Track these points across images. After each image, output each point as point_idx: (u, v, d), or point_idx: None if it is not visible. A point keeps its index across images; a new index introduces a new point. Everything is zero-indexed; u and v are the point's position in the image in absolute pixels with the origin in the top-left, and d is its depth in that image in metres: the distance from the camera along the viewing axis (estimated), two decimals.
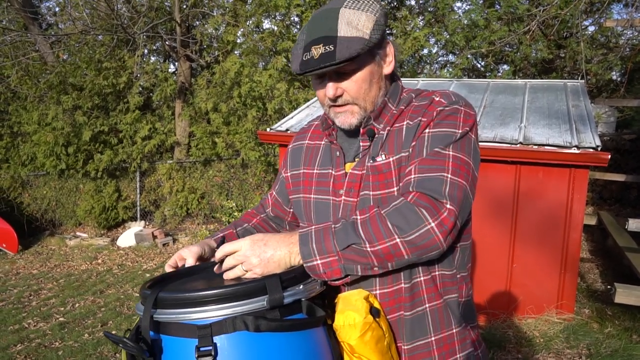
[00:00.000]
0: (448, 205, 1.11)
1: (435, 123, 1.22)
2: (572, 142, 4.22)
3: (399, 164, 1.24)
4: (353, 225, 1.13)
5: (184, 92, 10.23)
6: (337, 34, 1.16)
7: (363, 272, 1.15)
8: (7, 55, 9.45)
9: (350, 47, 1.15)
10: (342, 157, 1.35)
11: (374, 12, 1.21)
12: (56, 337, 4.76)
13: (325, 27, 1.19)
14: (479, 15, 9.81)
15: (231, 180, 9.84)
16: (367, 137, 1.30)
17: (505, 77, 10.54)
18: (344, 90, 1.24)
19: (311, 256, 1.13)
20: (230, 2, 10.78)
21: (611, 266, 6.19)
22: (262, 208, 1.64)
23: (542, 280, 4.50)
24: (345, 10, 1.19)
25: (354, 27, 1.17)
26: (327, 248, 1.12)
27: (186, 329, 1.02)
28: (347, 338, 1.14)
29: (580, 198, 4.37)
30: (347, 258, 1.12)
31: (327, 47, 1.16)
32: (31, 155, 9.50)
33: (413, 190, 1.14)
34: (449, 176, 1.15)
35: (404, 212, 1.10)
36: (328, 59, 1.16)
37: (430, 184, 1.14)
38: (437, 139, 1.20)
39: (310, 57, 1.18)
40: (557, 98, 5.42)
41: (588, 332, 4.26)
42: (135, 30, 9.33)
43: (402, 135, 1.26)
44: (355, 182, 1.29)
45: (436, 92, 1.30)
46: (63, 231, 9.71)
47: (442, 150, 1.18)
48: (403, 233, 1.09)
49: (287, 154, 1.56)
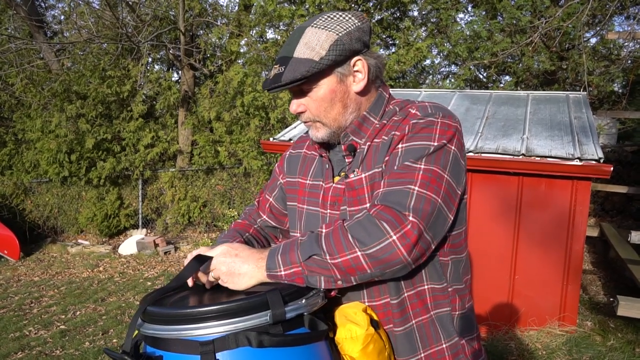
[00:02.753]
0: (411, 217, 1.07)
1: (408, 137, 1.20)
2: (574, 154, 4.22)
3: (371, 180, 1.24)
4: (317, 237, 1.14)
5: (187, 101, 10.27)
6: (293, 55, 1.19)
7: (327, 285, 1.13)
8: (12, 63, 9.51)
9: (297, 69, 1.17)
10: (331, 169, 1.36)
11: (337, 31, 1.20)
12: (57, 345, 4.75)
13: (289, 46, 1.22)
14: (482, 26, 9.85)
15: (233, 189, 9.85)
16: (349, 152, 1.31)
17: (507, 88, 10.57)
18: (305, 107, 1.28)
19: (276, 268, 1.14)
20: (234, 12, 10.85)
21: (613, 278, 6.17)
22: (255, 217, 1.62)
23: (544, 291, 4.49)
24: (311, 29, 1.21)
25: (310, 47, 1.19)
26: (290, 259, 1.13)
27: (188, 345, 1.01)
28: (349, 351, 1.15)
29: (582, 210, 4.36)
30: (310, 269, 1.12)
31: (280, 68, 1.20)
32: (34, 162, 9.52)
33: (377, 204, 1.13)
34: (415, 189, 1.11)
35: (365, 225, 1.09)
36: (277, 80, 1.19)
37: (395, 197, 1.11)
38: (409, 153, 1.18)
39: (270, 76, 1.23)
40: (560, 110, 5.43)
41: (591, 345, 4.24)
42: (139, 39, 9.38)
43: (378, 151, 1.26)
44: (339, 196, 1.30)
45: (414, 105, 1.29)
46: (65, 238, 9.71)
47: (413, 164, 1.15)
48: (363, 246, 1.07)
49: (283, 160, 1.56)
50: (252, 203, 1.67)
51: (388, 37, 11.31)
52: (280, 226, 1.59)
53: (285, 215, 1.56)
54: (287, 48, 1.22)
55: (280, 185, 1.55)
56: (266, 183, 1.64)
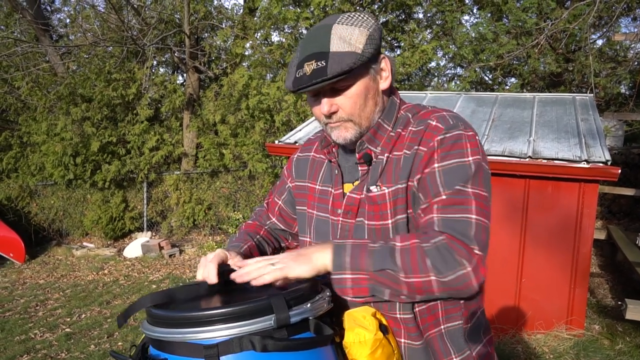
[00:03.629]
0: (477, 250, 1.10)
1: (441, 156, 1.19)
2: (581, 157, 4.19)
3: (394, 195, 1.22)
4: (391, 250, 1.11)
5: (192, 104, 10.29)
6: (329, 49, 1.15)
7: (390, 297, 1.14)
8: (18, 67, 9.55)
9: (342, 61, 1.14)
10: (341, 176, 1.34)
11: (367, 27, 1.19)
12: (62, 348, 4.75)
13: (317, 43, 1.18)
14: (487, 28, 9.83)
15: (238, 191, 9.85)
16: (364, 162, 1.28)
17: (513, 90, 10.52)
18: (338, 106, 1.23)
19: (342, 268, 1.12)
20: (239, 15, 10.87)
21: (621, 281, 6.12)
22: (264, 218, 1.60)
23: (551, 295, 4.46)
24: (338, 26, 1.19)
25: (347, 41, 1.16)
26: (360, 265, 1.11)
27: (193, 348, 1.00)
28: (357, 355, 1.13)
29: (590, 213, 4.33)
30: (378, 280, 1.11)
31: (319, 63, 1.15)
32: (40, 165, 9.56)
33: (445, 232, 1.12)
34: (474, 217, 1.13)
35: (443, 253, 1.09)
36: (320, 75, 1.14)
37: (459, 227, 1.12)
38: (450, 174, 1.17)
39: (302, 73, 1.17)
40: (566, 112, 5.40)
41: (599, 349, 4.21)
42: (144, 42, 9.41)
43: (400, 166, 1.23)
44: (353, 206, 1.28)
45: (431, 115, 1.26)
46: (70, 241, 9.73)
47: (463, 188, 1.16)
48: (439, 273, 1.08)
49: (292, 164, 1.54)
50: (262, 204, 1.65)
51: (393, 40, 11.30)
52: (289, 229, 1.57)
53: (294, 219, 1.54)
54: (316, 44, 1.17)
55: (289, 189, 1.53)
56: (275, 184, 1.62)
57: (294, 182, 1.50)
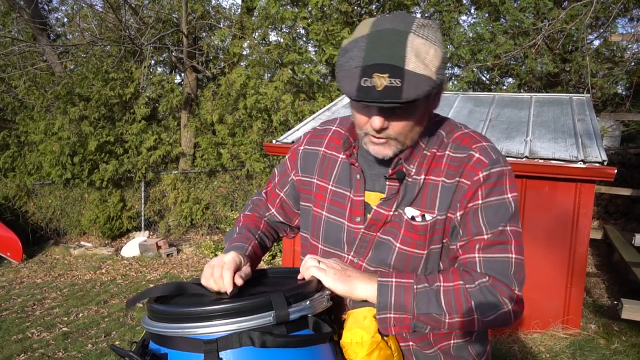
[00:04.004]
0: (517, 291, 1.17)
1: (485, 192, 1.18)
2: (578, 157, 4.21)
3: (433, 227, 1.21)
4: (436, 294, 1.14)
5: (190, 103, 10.28)
6: (405, 66, 1.01)
7: (430, 331, 1.19)
8: (16, 66, 9.54)
9: (418, 87, 1.02)
10: (363, 182, 1.27)
11: (440, 46, 1.08)
12: (59, 347, 4.74)
13: (391, 52, 1.03)
14: (485, 28, 9.84)
15: (236, 191, 9.85)
16: (396, 179, 1.21)
17: (510, 90, 10.55)
18: (389, 124, 1.12)
19: (386, 309, 1.14)
20: (237, 15, 10.87)
21: (617, 281, 6.14)
22: (263, 210, 1.52)
23: (548, 294, 4.47)
24: (415, 37, 1.04)
25: (423, 62, 1.03)
26: (404, 307, 1.14)
27: (192, 343, 1.01)
28: (354, 356, 1.14)
29: (586, 213, 4.35)
30: (421, 320, 1.15)
31: (393, 81, 1.01)
32: (37, 165, 9.54)
33: (485, 273, 1.17)
34: (513, 257, 1.18)
35: (487, 295, 1.14)
36: (393, 96, 1.01)
37: (500, 268, 1.17)
38: (492, 213, 1.18)
39: (371, 85, 1.02)
40: (563, 112, 5.42)
41: (595, 348, 4.22)
42: (142, 42, 9.40)
43: (438, 193, 1.20)
44: (379, 221, 1.24)
45: (473, 145, 1.21)
46: (67, 240, 9.72)
47: (504, 228, 1.18)
48: (482, 315, 1.14)
49: (298, 156, 1.44)
50: (260, 192, 1.56)
51: None
52: (289, 222, 1.52)
53: (295, 214, 1.49)
54: (390, 53, 1.03)
55: (292, 183, 1.45)
56: (273, 172, 1.54)
57: (298, 176, 1.42)
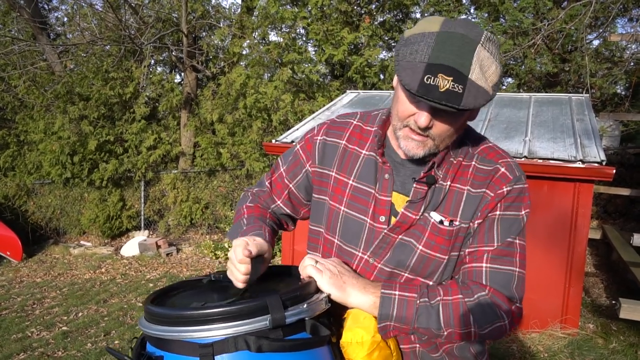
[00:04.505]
0: (518, 303, 1.20)
1: (505, 206, 1.23)
2: (577, 157, 4.22)
3: (457, 233, 1.23)
4: (437, 310, 1.16)
5: (190, 103, 10.29)
6: (469, 75, 1.04)
7: (427, 340, 1.23)
8: (15, 65, 9.54)
9: (477, 98, 1.05)
10: (391, 182, 1.27)
11: (501, 63, 1.11)
12: (59, 347, 4.75)
13: (458, 57, 1.04)
14: (484, 28, 9.83)
15: (235, 190, 9.85)
16: (426, 183, 1.23)
17: (509, 90, 10.55)
18: (434, 124, 1.13)
19: (387, 319, 1.16)
20: (237, 14, 10.87)
21: (616, 281, 6.15)
22: (267, 201, 1.48)
23: (546, 294, 4.48)
24: (482, 50, 1.06)
25: (485, 76, 1.06)
26: (406, 319, 1.16)
27: (188, 347, 1.01)
28: (353, 356, 1.14)
29: (585, 212, 4.36)
30: (420, 332, 1.18)
31: (456, 86, 1.03)
32: (37, 164, 9.55)
33: (488, 285, 1.20)
34: (517, 270, 1.22)
35: (485, 308, 1.16)
36: (453, 100, 1.03)
37: (502, 280, 1.20)
38: (506, 224, 1.23)
39: (434, 84, 1.03)
40: (562, 112, 5.43)
41: (593, 348, 4.23)
42: (142, 41, 9.41)
43: (462, 201, 1.23)
44: (405, 224, 1.24)
45: (499, 160, 1.25)
46: (67, 240, 9.72)
47: (513, 240, 1.23)
48: (480, 327, 1.16)
49: (315, 146, 1.39)
50: (261, 182, 1.51)
51: (390, 39, 11.32)
52: (295, 215, 1.49)
53: (303, 206, 1.46)
54: (457, 58, 1.04)
55: (306, 173, 1.40)
56: (279, 161, 1.48)
57: (315, 167, 1.38)
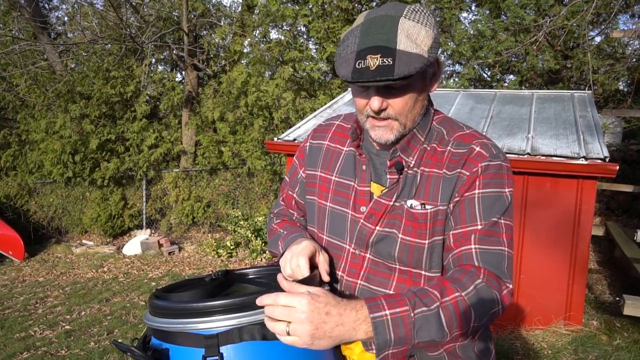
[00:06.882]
0: (509, 284, 1.16)
1: (483, 183, 1.19)
2: (579, 153, 4.20)
3: (434, 216, 1.21)
4: (437, 316, 1.05)
5: (191, 101, 10.28)
6: (396, 47, 1.06)
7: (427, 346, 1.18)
8: (16, 64, 9.54)
9: (410, 63, 1.06)
10: (369, 173, 1.29)
11: (432, 28, 1.12)
12: (62, 346, 4.76)
13: (382, 35, 1.08)
14: (486, 25, 9.82)
15: (237, 189, 9.85)
16: (395, 170, 1.24)
17: (511, 87, 10.54)
18: (388, 104, 1.15)
19: (386, 347, 1.01)
20: (238, 12, 10.86)
21: (619, 277, 6.14)
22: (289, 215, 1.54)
23: (550, 291, 4.47)
24: (405, 20, 1.09)
25: (414, 41, 1.08)
26: (405, 339, 1.02)
27: (193, 338, 1.03)
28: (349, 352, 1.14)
29: (588, 209, 4.34)
30: (420, 347, 1.08)
31: (385, 60, 1.06)
32: (38, 163, 9.56)
33: (480, 266, 1.14)
34: (506, 250, 1.18)
35: (484, 298, 1.12)
36: (386, 73, 1.05)
37: (494, 260, 1.16)
38: (488, 202, 1.19)
39: (365, 66, 1.07)
40: (565, 108, 5.41)
41: (597, 344, 4.23)
42: (143, 40, 9.40)
43: (440, 185, 1.21)
44: (379, 211, 1.24)
45: (474, 140, 1.25)
46: (69, 239, 9.74)
47: (498, 220, 1.18)
48: (480, 320, 1.11)
49: (305, 151, 1.47)
50: (277, 204, 1.58)
51: None
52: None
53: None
54: (381, 36, 1.08)
55: (301, 180, 1.47)
56: (285, 180, 1.56)
57: (306, 171, 1.44)
